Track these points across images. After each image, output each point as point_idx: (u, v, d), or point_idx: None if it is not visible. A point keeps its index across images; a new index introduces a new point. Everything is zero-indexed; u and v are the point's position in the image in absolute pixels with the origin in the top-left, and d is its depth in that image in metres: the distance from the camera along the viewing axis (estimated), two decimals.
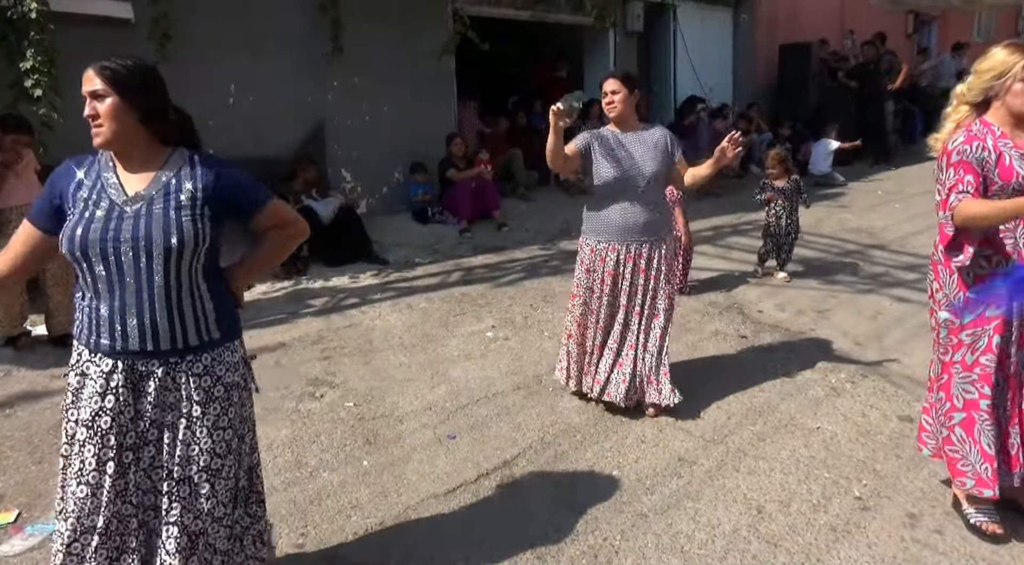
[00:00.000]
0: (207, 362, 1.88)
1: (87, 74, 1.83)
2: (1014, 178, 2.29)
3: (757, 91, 12.05)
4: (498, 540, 2.56)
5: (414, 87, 7.68)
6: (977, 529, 2.49)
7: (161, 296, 1.79)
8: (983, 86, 2.37)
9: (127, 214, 1.78)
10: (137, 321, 1.78)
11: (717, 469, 3.01)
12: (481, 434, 3.35)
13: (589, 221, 3.46)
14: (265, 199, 1.98)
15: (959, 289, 2.43)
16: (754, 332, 4.61)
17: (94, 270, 1.76)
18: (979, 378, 2.41)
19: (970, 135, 2.35)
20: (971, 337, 2.41)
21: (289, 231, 2.09)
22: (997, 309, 2.35)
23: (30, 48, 4.64)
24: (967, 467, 2.44)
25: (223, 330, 1.92)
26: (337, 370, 4.12)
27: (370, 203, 7.54)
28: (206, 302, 1.88)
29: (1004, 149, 2.32)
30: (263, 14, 6.52)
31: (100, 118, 1.82)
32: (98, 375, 1.80)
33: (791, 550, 2.48)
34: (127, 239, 1.76)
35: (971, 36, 15.79)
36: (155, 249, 1.76)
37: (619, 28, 9.82)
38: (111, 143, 1.84)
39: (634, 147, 3.36)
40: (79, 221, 1.78)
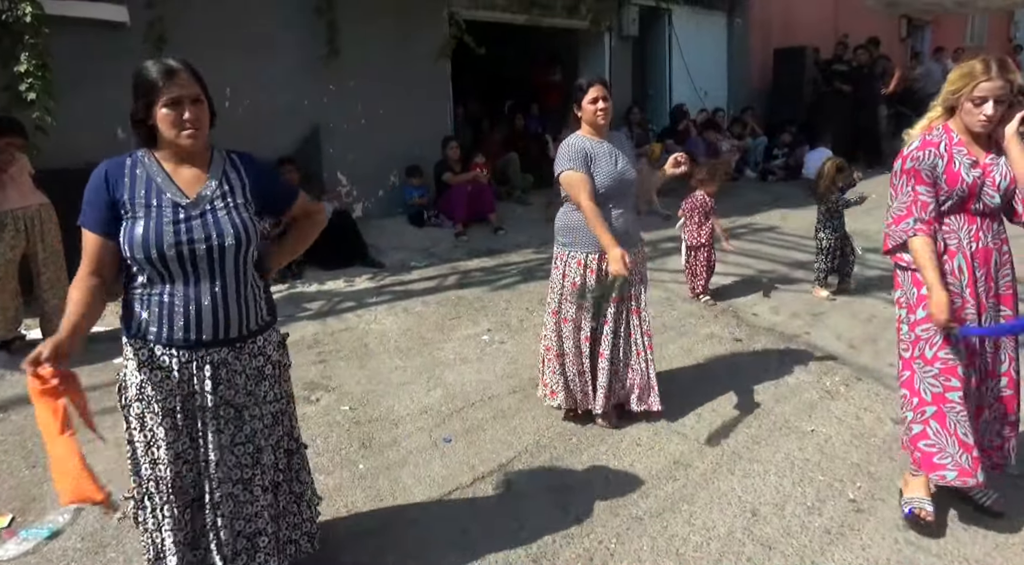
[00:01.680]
0: (260, 343, 2.06)
1: (181, 77, 1.86)
2: (958, 184, 2.41)
3: (752, 95, 12.09)
4: (493, 543, 2.56)
5: (410, 90, 7.69)
6: (912, 515, 2.57)
7: (232, 288, 1.94)
8: (946, 96, 2.48)
9: (194, 215, 1.90)
10: (211, 313, 1.91)
11: (712, 472, 3.01)
12: (477, 437, 3.35)
13: (574, 233, 3.27)
14: (296, 193, 2.22)
15: (913, 286, 2.52)
16: (749, 335, 4.63)
17: (170, 269, 1.87)
18: (941, 372, 2.47)
19: (925, 141, 2.47)
20: (926, 332, 2.49)
21: (316, 219, 2.31)
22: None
23: (24, 52, 4.64)
24: (946, 459, 2.46)
25: (271, 313, 2.14)
26: (333, 374, 4.12)
27: (366, 206, 7.54)
28: (261, 289, 2.07)
29: (956, 155, 2.44)
30: (259, 17, 6.52)
31: (199, 122, 1.90)
32: (176, 366, 1.92)
33: (785, 553, 2.48)
34: (200, 238, 1.88)
35: (964, 40, 15.89)
36: (227, 245, 1.90)
37: (614, 32, 9.86)
38: (198, 148, 1.95)
39: (617, 152, 3.27)
40: (147, 224, 1.86)
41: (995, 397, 2.57)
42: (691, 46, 11.10)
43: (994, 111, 2.36)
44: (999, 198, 2.44)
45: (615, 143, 3.32)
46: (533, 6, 8.78)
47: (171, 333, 1.91)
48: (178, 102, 1.85)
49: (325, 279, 5.99)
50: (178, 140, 1.89)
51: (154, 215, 1.87)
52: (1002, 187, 2.43)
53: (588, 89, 3.22)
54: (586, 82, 3.25)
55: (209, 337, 1.93)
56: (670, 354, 4.30)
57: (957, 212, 2.47)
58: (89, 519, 2.72)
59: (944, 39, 14.99)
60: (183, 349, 1.92)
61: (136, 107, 1.90)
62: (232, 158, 2.06)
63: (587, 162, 3.17)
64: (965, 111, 2.42)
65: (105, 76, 5.58)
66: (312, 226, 2.32)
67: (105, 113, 5.66)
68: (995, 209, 2.47)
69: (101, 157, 2.00)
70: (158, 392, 1.93)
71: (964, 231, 2.47)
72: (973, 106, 2.38)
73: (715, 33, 11.79)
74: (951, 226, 2.48)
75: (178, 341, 1.91)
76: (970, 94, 2.38)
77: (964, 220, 2.47)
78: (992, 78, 2.33)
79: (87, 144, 5.50)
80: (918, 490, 2.62)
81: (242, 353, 2.01)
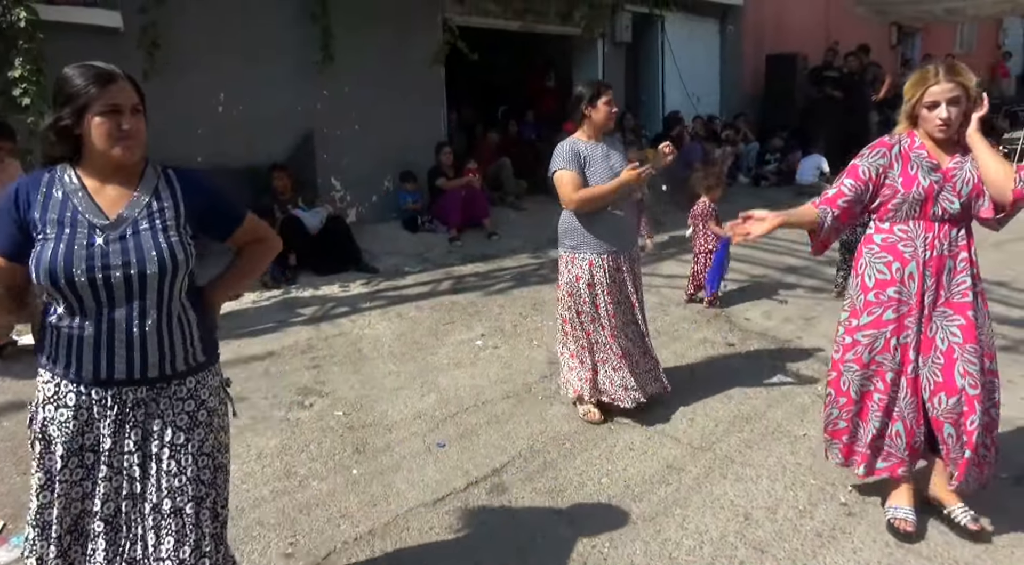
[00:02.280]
0: (191, 386, 1.80)
1: (120, 84, 1.68)
2: (914, 188, 2.40)
3: (744, 101, 12.17)
4: (487, 548, 2.57)
5: (404, 96, 7.71)
6: (891, 525, 2.58)
7: (153, 321, 1.70)
8: (906, 109, 2.48)
9: (112, 238, 1.67)
10: (125, 348, 1.68)
11: (705, 476, 3.03)
12: (470, 442, 3.35)
13: (580, 236, 3.38)
14: (242, 215, 1.94)
15: (860, 292, 2.55)
16: (741, 340, 4.65)
17: (80, 298, 1.65)
18: (874, 374, 2.53)
19: (879, 141, 2.52)
20: (869, 338, 2.52)
21: (266, 245, 2.04)
22: None
23: (19, 57, 4.64)
24: (860, 447, 2.59)
25: (207, 353, 1.86)
26: (326, 379, 4.12)
27: (360, 212, 7.55)
28: (193, 325, 1.80)
29: (914, 158, 2.44)
30: (253, 23, 6.53)
31: (139, 134, 1.70)
32: (82, 405, 1.70)
33: (777, 556, 2.50)
34: (117, 264, 1.65)
35: (953, 48, 16.03)
36: (149, 273, 1.67)
37: (608, 39, 9.91)
38: (135, 160, 1.74)
39: (612, 154, 3.42)
40: (56, 247, 1.64)
41: (958, 412, 2.43)
42: (684, 52, 11.17)
43: (948, 114, 2.34)
44: (958, 204, 2.40)
45: (610, 145, 3.45)
46: (527, 13, 8.82)
47: (79, 368, 1.69)
48: (116, 111, 1.65)
49: (319, 284, 5.99)
50: (112, 153, 1.66)
51: (66, 238, 1.65)
52: (963, 193, 2.40)
53: (603, 93, 3.36)
54: (598, 86, 3.41)
55: (122, 376, 1.70)
56: (663, 358, 4.28)
57: (916, 218, 2.44)
58: None
59: (934, 46, 15.14)
60: (92, 387, 1.70)
61: (61, 114, 1.65)
62: (168, 174, 1.81)
63: (580, 163, 3.32)
64: (923, 119, 2.42)
65: None
66: (263, 253, 2.05)
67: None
68: (955, 215, 2.43)
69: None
70: (61, 433, 1.70)
71: (920, 239, 2.44)
72: (927, 111, 2.39)
73: (707, 39, 11.87)
74: (908, 233, 2.46)
75: (87, 378, 1.69)
76: (922, 100, 2.39)
77: (921, 227, 2.44)
78: (940, 81, 2.34)
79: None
80: (900, 499, 2.61)
81: (163, 396, 1.75)
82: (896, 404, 2.53)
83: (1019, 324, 4.71)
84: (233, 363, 4.36)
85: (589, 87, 3.41)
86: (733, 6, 11.79)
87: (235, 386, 4.02)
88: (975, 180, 2.39)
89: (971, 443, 2.40)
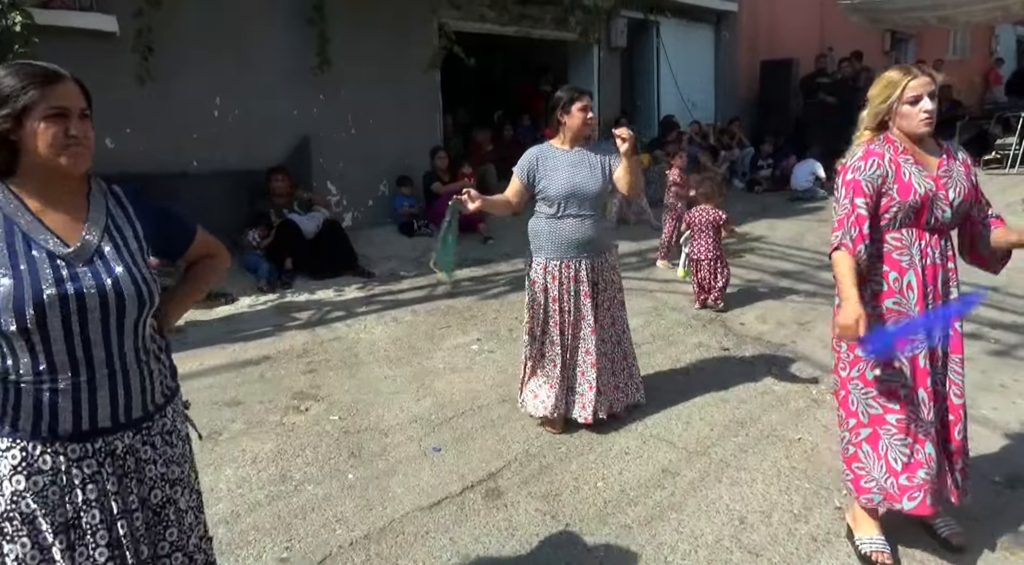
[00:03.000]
0: (171, 416, 1.64)
1: (67, 85, 1.49)
2: (911, 195, 2.29)
3: (739, 106, 12.23)
4: (483, 552, 2.57)
5: (400, 100, 7.73)
6: (867, 558, 2.44)
7: (132, 356, 1.52)
8: (875, 112, 2.38)
9: (79, 270, 1.45)
10: (109, 392, 1.48)
11: (700, 480, 3.03)
12: (466, 447, 3.35)
13: (537, 239, 3.41)
14: (195, 230, 1.78)
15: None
16: (736, 344, 4.67)
17: (49, 341, 1.41)
18: (881, 393, 2.37)
19: (868, 151, 2.37)
20: None
21: (217, 260, 1.88)
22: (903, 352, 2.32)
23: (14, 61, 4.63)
24: (871, 483, 2.41)
25: (174, 377, 1.71)
26: (322, 383, 4.11)
27: (355, 216, 7.55)
28: (164, 352, 1.65)
29: (903, 164, 2.33)
30: (249, 27, 6.54)
31: (88, 141, 1.51)
32: (59, 468, 1.45)
33: (772, 560, 2.50)
34: (94, 300, 1.44)
35: (946, 54, 16.14)
36: (128, 308, 1.48)
37: (603, 44, 9.95)
38: (81, 172, 1.54)
39: (582, 164, 3.32)
40: (19, 284, 1.38)
41: (946, 423, 2.41)
42: (679, 58, 11.23)
43: (932, 105, 2.29)
44: (951, 213, 2.33)
45: (589, 152, 3.35)
46: (522, 18, 8.86)
47: (54, 424, 1.43)
48: (63, 114, 1.45)
49: (315, 288, 5.99)
50: (58, 162, 1.45)
51: (24, 273, 1.40)
52: (955, 203, 2.33)
53: (578, 99, 3.30)
54: (574, 92, 3.33)
55: (108, 423, 1.49)
56: (658, 363, 4.32)
57: (909, 226, 2.35)
58: None
59: (928, 53, 15.23)
60: (72, 444, 1.45)
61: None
62: (115, 192, 1.60)
63: (531, 169, 3.35)
64: (903, 116, 2.32)
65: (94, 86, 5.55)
66: (214, 269, 1.88)
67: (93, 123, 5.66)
68: (945, 225, 2.36)
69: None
70: (41, 506, 1.43)
71: (915, 246, 2.35)
72: (910, 107, 2.30)
73: (702, 45, 11.93)
74: (903, 241, 2.36)
75: (64, 433, 1.44)
76: (902, 97, 2.30)
77: (915, 235, 2.35)
78: (918, 76, 2.29)
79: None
80: (869, 529, 2.49)
81: (151, 435, 1.57)
82: (918, 424, 2.35)
83: (1011, 328, 4.74)
84: (228, 368, 4.36)
85: (566, 92, 3.34)
86: (728, 12, 11.86)
87: (230, 390, 4.05)
88: (966, 188, 2.35)
89: (959, 453, 2.40)
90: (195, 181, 6.27)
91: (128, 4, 5.58)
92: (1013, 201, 8.71)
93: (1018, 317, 4.94)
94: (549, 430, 3.45)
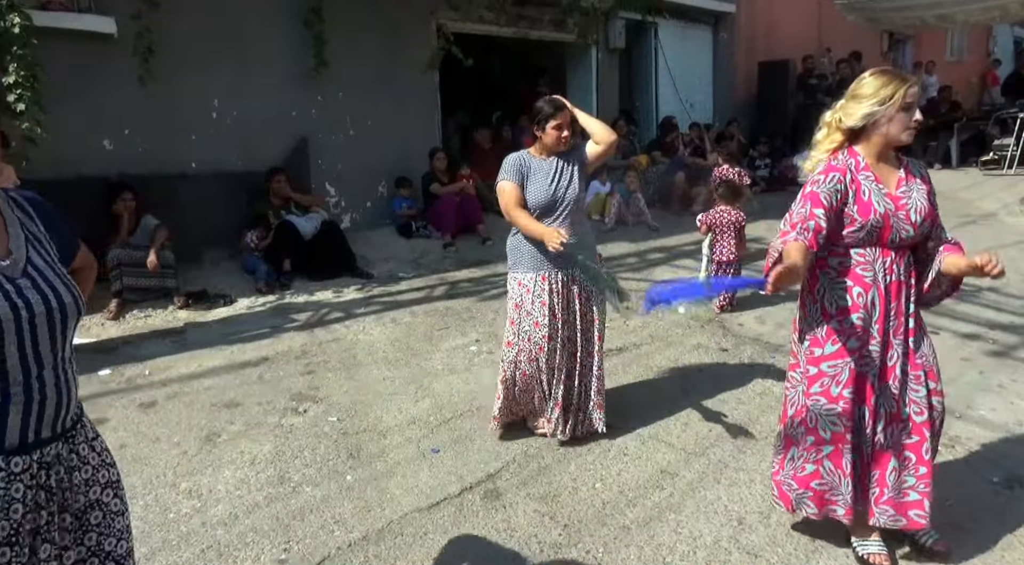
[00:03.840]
0: (86, 421, 1.60)
1: None
2: (871, 215, 2.24)
3: (737, 107, 12.24)
4: (481, 554, 2.57)
5: (398, 102, 7.73)
6: (865, 562, 2.43)
7: (67, 367, 1.50)
8: (866, 112, 2.25)
9: (20, 280, 1.41)
10: (54, 402, 1.45)
11: (699, 481, 3.04)
12: (465, 448, 3.36)
13: (515, 254, 3.33)
14: (79, 240, 1.71)
15: (822, 319, 2.37)
16: (735, 345, 4.67)
17: (4, 356, 1.37)
18: (843, 412, 2.32)
19: (829, 166, 2.31)
20: (833, 368, 2.34)
21: (93, 270, 1.85)
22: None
23: (13, 63, 4.63)
24: (837, 496, 2.39)
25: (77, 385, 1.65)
26: (321, 384, 4.11)
27: (354, 217, 7.55)
28: (74, 361, 1.59)
29: (863, 182, 2.27)
30: (247, 29, 6.54)
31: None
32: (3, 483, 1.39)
33: (771, 561, 2.51)
34: (42, 309, 1.41)
35: (945, 55, 16.18)
36: (69, 315, 1.46)
37: (601, 45, 9.96)
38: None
39: (561, 173, 3.26)
40: None
41: (901, 444, 2.35)
42: (677, 59, 11.24)
43: (920, 117, 2.26)
44: (913, 233, 2.28)
45: (564, 162, 3.28)
46: (520, 19, 8.86)
47: (1, 438, 1.39)
48: None
49: (313, 290, 5.98)
50: None
51: None
52: (916, 221, 2.27)
53: (553, 118, 3.19)
54: (552, 108, 3.21)
55: (48, 433, 1.45)
56: (658, 364, 4.33)
57: (872, 245, 2.30)
58: None
59: (926, 54, 15.28)
60: (15, 457, 1.40)
61: None
62: (16, 199, 1.54)
63: (522, 175, 3.25)
64: (894, 121, 2.23)
65: (93, 87, 5.59)
66: (91, 279, 1.84)
67: (92, 125, 5.66)
68: (908, 242, 2.31)
69: (88, 169, 1.76)
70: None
71: (879, 263, 2.30)
72: (903, 113, 2.22)
73: (701, 46, 11.94)
74: (867, 258, 2.31)
75: (11, 447, 1.39)
76: (903, 98, 2.20)
77: (879, 253, 2.30)
78: (915, 84, 2.24)
79: (74, 156, 5.50)
80: (866, 531, 2.46)
81: (77, 443, 1.53)
82: (863, 439, 2.36)
83: (1009, 329, 4.75)
84: (226, 369, 4.36)
85: (546, 106, 3.23)
86: (726, 13, 11.87)
87: (229, 392, 4.05)
88: (926, 208, 2.29)
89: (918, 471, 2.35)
90: (193, 182, 6.27)
91: (126, 6, 5.59)
92: (1011, 202, 8.74)
93: (1016, 318, 4.95)
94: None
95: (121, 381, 4.20)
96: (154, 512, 2.84)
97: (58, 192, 5.55)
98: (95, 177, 5.60)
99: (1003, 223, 7.96)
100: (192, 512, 2.84)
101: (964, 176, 11.01)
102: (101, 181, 5.61)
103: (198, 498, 2.94)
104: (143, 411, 3.79)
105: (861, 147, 2.32)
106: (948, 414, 3.52)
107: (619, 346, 4.62)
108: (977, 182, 10.47)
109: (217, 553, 2.58)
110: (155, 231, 5.53)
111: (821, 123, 2.41)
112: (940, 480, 2.94)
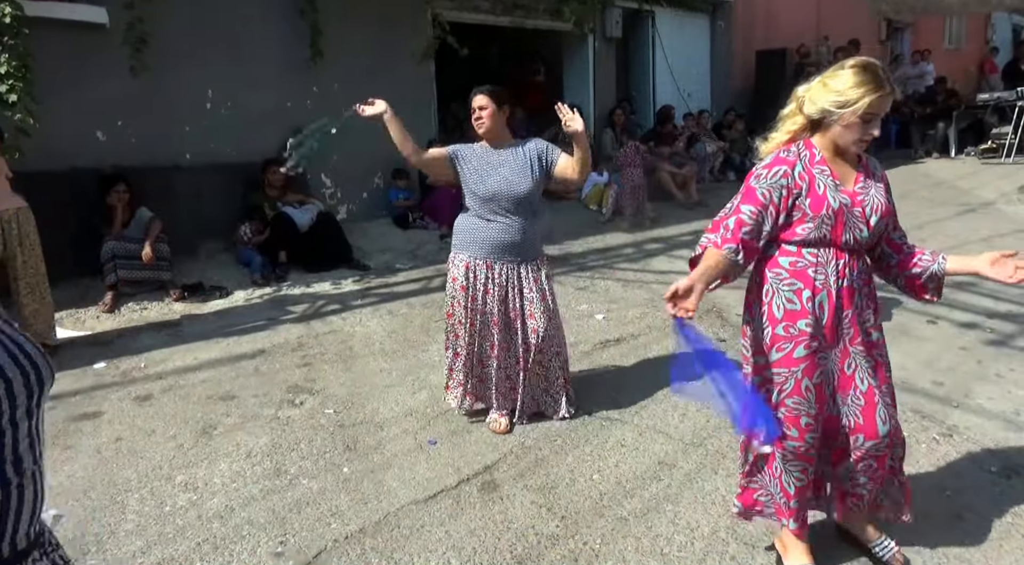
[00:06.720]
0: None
1: None
2: (824, 209, 2.11)
3: (734, 96, 12.21)
4: (479, 545, 2.56)
5: (394, 92, 7.60)
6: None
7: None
8: (824, 107, 2.10)
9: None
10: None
11: (696, 472, 3.03)
12: (461, 439, 3.35)
13: (460, 235, 3.38)
14: None
15: (768, 324, 2.22)
16: (733, 335, 4.66)
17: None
18: (784, 419, 2.20)
19: (776, 158, 2.18)
20: (779, 376, 2.21)
21: None
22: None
23: (4, 53, 4.59)
24: (766, 497, 2.39)
25: None
26: (317, 376, 4.10)
27: (350, 209, 7.52)
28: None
29: (818, 176, 2.14)
30: (241, 19, 6.49)
31: None
32: None
33: (768, 552, 2.50)
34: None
35: (943, 43, 16.13)
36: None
37: (598, 34, 9.90)
38: None
39: (506, 164, 3.27)
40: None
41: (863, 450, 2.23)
42: (674, 48, 11.19)
43: (878, 132, 2.10)
44: (867, 233, 2.15)
45: (516, 154, 3.30)
46: (516, 8, 8.81)
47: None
48: None
49: (310, 281, 5.96)
50: None
51: None
52: (872, 222, 2.14)
53: (472, 97, 3.28)
54: (476, 91, 3.30)
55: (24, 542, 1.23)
56: (654, 355, 4.32)
57: (826, 245, 2.15)
58: (69, 526, 2.69)
59: (924, 42, 15.23)
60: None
61: None
62: None
63: (457, 152, 3.37)
64: (848, 126, 2.08)
65: (85, 78, 5.55)
66: None
67: (85, 116, 5.61)
68: (863, 243, 2.18)
69: (81, 160, 1.77)
70: None
71: (832, 266, 2.15)
72: (862, 122, 2.06)
73: (698, 35, 11.89)
74: (820, 258, 2.15)
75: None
76: (865, 109, 2.03)
77: (832, 254, 2.15)
78: (889, 94, 2.04)
79: (67, 147, 5.45)
80: (800, 556, 2.35)
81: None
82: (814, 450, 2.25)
83: (1007, 318, 4.74)
84: (222, 361, 4.34)
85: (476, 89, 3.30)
86: (723, 2, 11.82)
87: (225, 384, 4.04)
88: (883, 206, 2.17)
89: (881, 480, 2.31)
90: (188, 174, 6.23)
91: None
92: (1009, 191, 8.73)
93: (1014, 306, 4.94)
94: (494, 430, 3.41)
95: (116, 374, 4.18)
96: (150, 505, 2.83)
97: (51, 184, 5.55)
98: (88, 169, 5.56)
99: (1001, 212, 7.95)
100: (188, 505, 2.83)
101: (962, 165, 11.00)
102: (94, 173, 5.56)
103: (194, 491, 2.93)
104: (139, 404, 3.78)
105: (818, 139, 2.19)
106: (946, 403, 3.55)
107: (617, 337, 4.61)
108: (975, 171, 10.45)
109: (213, 546, 2.58)
110: (150, 223, 5.50)
111: (792, 96, 2.24)
112: (937, 470, 2.96)
